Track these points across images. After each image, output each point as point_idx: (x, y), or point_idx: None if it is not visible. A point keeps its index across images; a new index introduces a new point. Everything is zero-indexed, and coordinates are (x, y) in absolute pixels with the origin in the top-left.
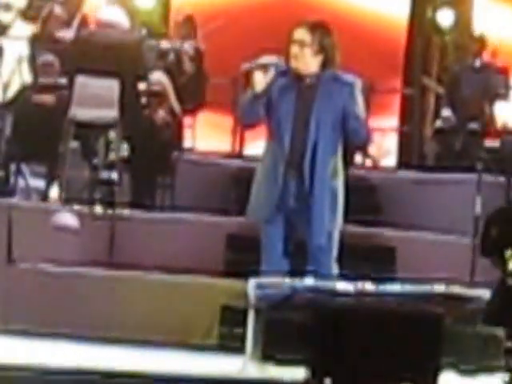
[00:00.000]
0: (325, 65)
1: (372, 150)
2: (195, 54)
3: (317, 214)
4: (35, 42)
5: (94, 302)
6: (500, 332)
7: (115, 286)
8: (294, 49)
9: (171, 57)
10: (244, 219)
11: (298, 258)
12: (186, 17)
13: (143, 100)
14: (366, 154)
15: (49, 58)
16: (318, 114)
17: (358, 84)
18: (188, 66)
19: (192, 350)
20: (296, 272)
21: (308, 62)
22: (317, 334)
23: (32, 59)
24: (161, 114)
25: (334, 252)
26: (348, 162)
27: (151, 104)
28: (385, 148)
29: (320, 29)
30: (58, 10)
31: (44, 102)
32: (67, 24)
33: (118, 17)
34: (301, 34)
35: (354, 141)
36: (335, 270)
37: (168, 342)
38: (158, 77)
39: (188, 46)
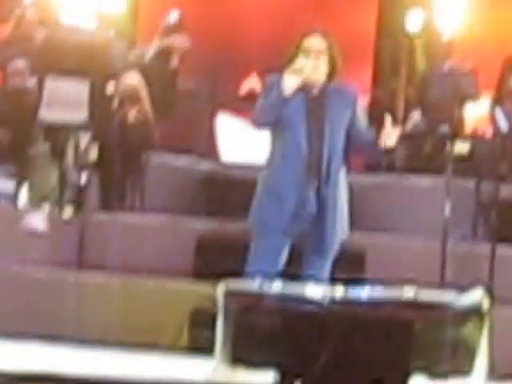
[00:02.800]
0: (331, 75)
1: None
2: (167, 57)
3: (332, 223)
4: (6, 45)
5: (63, 304)
6: (470, 336)
7: (85, 289)
8: (308, 56)
9: (142, 58)
10: (214, 222)
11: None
12: (176, 22)
13: (114, 101)
14: None
15: (18, 64)
16: (330, 125)
17: (358, 93)
18: (174, 64)
19: (162, 352)
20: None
21: (322, 72)
22: (286, 338)
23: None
24: (132, 116)
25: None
26: None
27: (122, 105)
28: None
29: (330, 37)
30: (29, 11)
31: (13, 103)
32: (38, 26)
33: (87, 18)
34: (316, 42)
35: (366, 152)
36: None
37: (138, 344)
38: (131, 78)
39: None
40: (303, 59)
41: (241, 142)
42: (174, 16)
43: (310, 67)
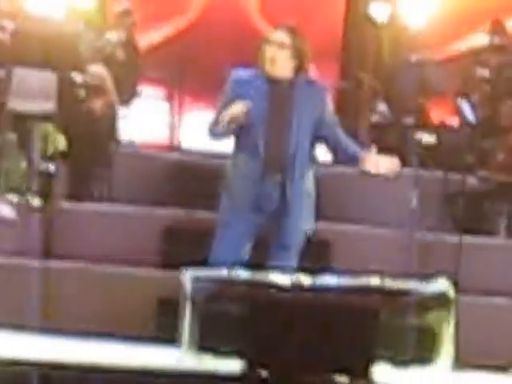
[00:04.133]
0: (298, 70)
1: None
2: (131, 46)
3: (294, 219)
4: None
5: (29, 293)
6: (434, 325)
7: (51, 277)
8: (271, 50)
9: (109, 49)
10: (181, 212)
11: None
12: (124, 9)
13: (81, 92)
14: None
15: None
16: (298, 119)
17: (327, 88)
18: (123, 56)
19: (129, 341)
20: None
21: (284, 66)
22: (252, 326)
23: None
24: (99, 106)
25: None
26: None
27: (89, 96)
28: None
29: (297, 33)
30: (2, 3)
31: None
32: (6, 17)
33: (55, 8)
34: (280, 36)
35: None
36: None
37: (104, 332)
38: (97, 69)
39: (124, 37)
40: (266, 54)
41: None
42: (122, 5)
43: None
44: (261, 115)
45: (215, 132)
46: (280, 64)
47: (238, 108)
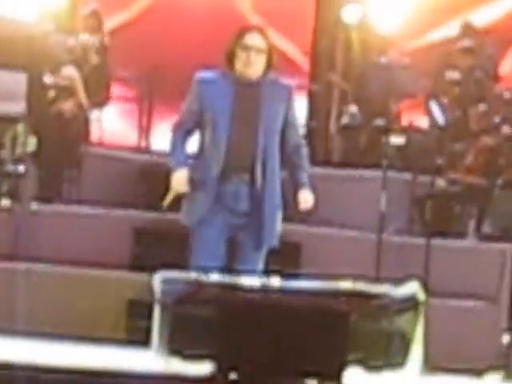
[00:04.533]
0: (267, 69)
1: None
2: (101, 48)
3: (270, 216)
4: None
5: None
6: (405, 328)
7: (21, 280)
8: (248, 55)
9: (79, 51)
10: (151, 214)
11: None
12: (92, 11)
13: (51, 94)
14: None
15: None
16: (265, 117)
17: (293, 87)
18: (94, 58)
19: (99, 343)
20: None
21: (259, 68)
22: (222, 329)
23: None
24: (68, 108)
25: None
26: None
27: (59, 98)
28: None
29: (267, 34)
30: None
31: None
32: None
33: (25, 10)
34: (256, 39)
35: (294, 153)
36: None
37: (74, 335)
38: (67, 71)
39: (94, 39)
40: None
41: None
42: (89, 6)
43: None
44: (227, 115)
45: (169, 157)
46: (256, 67)
47: (178, 181)
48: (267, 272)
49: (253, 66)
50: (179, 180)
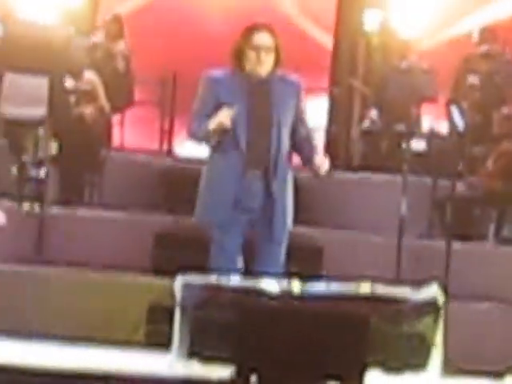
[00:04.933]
0: (275, 65)
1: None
2: (123, 53)
3: (281, 213)
4: None
5: (19, 299)
6: (425, 331)
7: (42, 283)
8: (259, 55)
9: (100, 55)
10: (172, 218)
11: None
12: (114, 16)
13: (72, 98)
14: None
15: None
16: (277, 114)
17: (302, 84)
18: (120, 64)
19: (119, 347)
20: (247, 272)
21: (269, 66)
22: (242, 333)
23: None
24: (90, 112)
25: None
26: None
27: (80, 102)
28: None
29: (275, 32)
30: None
31: None
32: None
33: (46, 14)
34: (265, 39)
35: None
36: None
37: (95, 338)
38: (88, 75)
39: (120, 45)
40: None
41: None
42: (112, 13)
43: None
44: (240, 113)
45: (197, 135)
46: (266, 65)
47: (224, 115)
48: (289, 275)
49: (263, 65)
50: (226, 114)
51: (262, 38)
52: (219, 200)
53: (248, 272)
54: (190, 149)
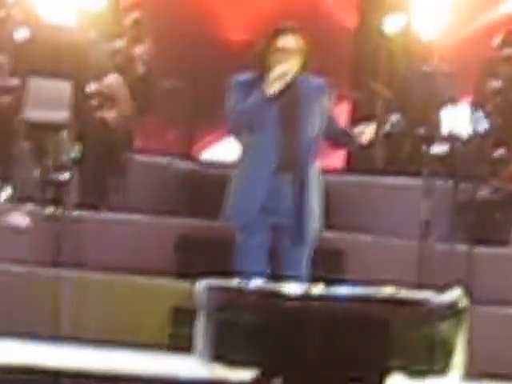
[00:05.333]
0: (301, 70)
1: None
2: (145, 57)
3: (308, 217)
4: None
5: (41, 302)
6: (447, 334)
7: (65, 286)
8: (284, 57)
9: (122, 59)
10: (195, 221)
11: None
12: (136, 20)
13: (95, 101)
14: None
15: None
16: (305, 116)
17: (327, 84)
18: (140, 68)
19: (142, 349)
20: (273, 275)
21: (295, 68)
22: (265, 336)
23: None
24: (112, 116)
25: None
26: None
27: (103, 106)
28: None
29: (299, 33)
30: (9, 11)
31: None
32: (20, 25)
33: (69, 18)
34: (289, 41)
35: (338, 144)
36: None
37: (119, 341)
38: (111, 79)
39: (140, 49)
40: (282, 64)
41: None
42: (132, 17)
43: (287, 68)
44: (270, 117)
45: (243, 117)
46: (292, 68)
47: (284, 68)
48: (311, 279)
49: (287, 65)
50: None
51: (287, 41)
52: (247, 202)
53: (272, 276)
54: (212, 152)
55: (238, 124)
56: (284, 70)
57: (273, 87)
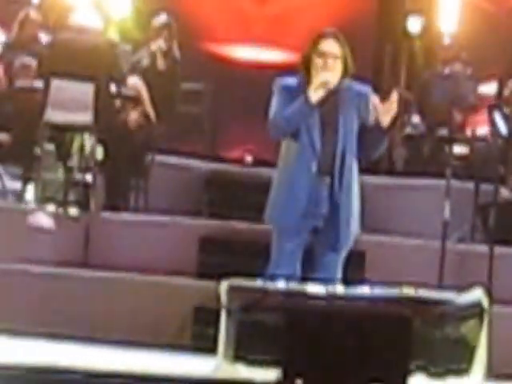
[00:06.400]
0: (344, 74)
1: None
2: (171, 59)
3: (345, 221)
4: (11, 46)
5: (67, 302)
6: (469, 335)
7: (89, 287)
8: (326, 61)
9: (146, 61)
10: (217, 222)
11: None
12: (163, 23)
13: (118, 103)
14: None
15: (26, 60)
16: (344, 122)
17: (371, 93)
18: (160, 63)
19: (165, 349)
20: (304, 278)
21: (336, 74)
22: (288, 336)
23: (8, 63)
24: (135, 118)
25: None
26: None
27: (126, 107)
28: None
29: (342, 38)
30: (33, 13)
31: (20, 104)
32: (43, 27)
33: (92, 20)
34: (331, 46)
35: (375, 150)
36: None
37: (141, 341)
38: (134, 81)
39: (158, 43)
40: (326, 70)
41: None
42: (161, 18)
43: (331, 76)
44: (311, 122)
45: (286, 122)
46: (335, 74)
47: (327, 75)
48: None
49: (329, 73)
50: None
51: (329, 45)
52: (291, 205)
53: (304, 279)
54: (233, 153)
55: (280, 129)
56: (327, 77)
57: (316, 95)
